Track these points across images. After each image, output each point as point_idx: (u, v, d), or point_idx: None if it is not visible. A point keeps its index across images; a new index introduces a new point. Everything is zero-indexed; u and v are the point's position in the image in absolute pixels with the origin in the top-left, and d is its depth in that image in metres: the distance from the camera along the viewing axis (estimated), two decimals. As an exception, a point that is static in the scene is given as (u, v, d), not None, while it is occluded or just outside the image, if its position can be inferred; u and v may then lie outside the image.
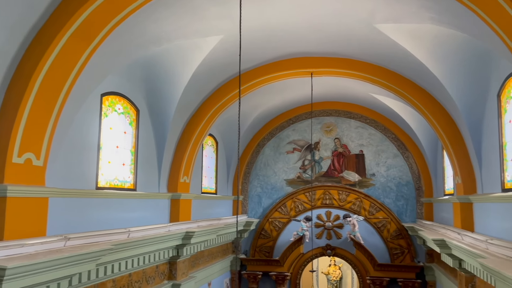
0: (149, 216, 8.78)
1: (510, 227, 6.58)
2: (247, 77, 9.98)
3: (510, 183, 6.88)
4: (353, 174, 14.51)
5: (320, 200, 14.54)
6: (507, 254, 5.43)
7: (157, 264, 8.73)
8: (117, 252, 6.57)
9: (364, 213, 14.07)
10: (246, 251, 14.83)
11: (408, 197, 14.02)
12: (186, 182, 10.14)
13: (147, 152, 8.95)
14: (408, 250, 13.61)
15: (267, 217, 14.74)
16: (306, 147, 14.89)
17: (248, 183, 15.16)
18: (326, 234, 14.35)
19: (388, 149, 14.27)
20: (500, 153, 7.21)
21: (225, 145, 13.89)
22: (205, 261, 11.69)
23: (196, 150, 10.27)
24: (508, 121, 6.89)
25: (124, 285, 7.44)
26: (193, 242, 9.18)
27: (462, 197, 8.76)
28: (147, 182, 8.91)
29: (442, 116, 9.19)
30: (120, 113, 8.08)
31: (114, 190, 7.70)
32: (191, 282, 9.69)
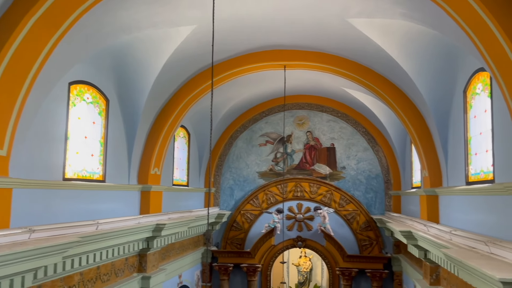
0: (118, 208, 8.63)
1: (473, 219, 6.82)
2: (220, 69, 9.90)
3: (474, 176, 7.11)
4: (324, 167, 14.69)
5: (292, 192, 14.66)
6: (470, 245, 5.63)
7: (127, 257, 8.60)
8: (85, 244, 6.43)
9: (335, 206, 14.29)
10: (217, 243, 14.83)
11: (377, 190, 14.32)
12: (157, 174, 10.01)
13: (116, 143, 8.77)
14: (376, 241, 13.93)
15: (239, 209, 14.76)
16: (278, 139, 14.96)
17: (220, 176, 15.12)
18: (297, 226, 14.51)
19: (359, 143, 14.51)
20: (465, 148, 7.44)
21: (197, 137, 13.78)
22: (176, 254, 11.61)
23: (168, 141, 10.15)
24: (473, 116, 7.11)
25: (92, 278, 7.30)
26: (164, 234, 9.09)
27: (428, 190, 9.01)
28: (116, 174, 8.75)
29: (411, 111, 9.40)
30: (89, 103, 7.88)
31: (82, 182, 7.52)
32: (161, 274, 9.61)
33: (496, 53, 4.73)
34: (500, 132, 5.96)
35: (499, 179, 5.95)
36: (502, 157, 5.92)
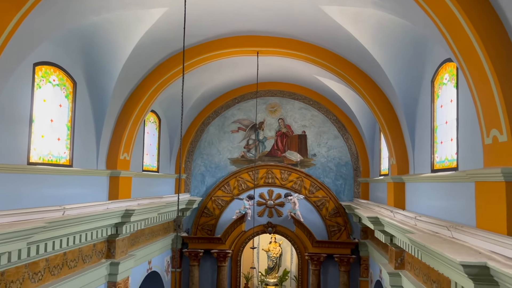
0: (86, 193, 8.45)
1: (437, 205, 7.06)
2: (191, 53, 9.75)
3: (438, 164, 7.34)
4: (296, 154, 14.82)
5: (263, 179, 14.75)
6: (433, 230, 5.83)
7: (95, 243, 8.47)
8: (51, 230, 6.29)
9: (305, 192, 14.48)
10: (188, 229, 14.80)
11: (346, 177, 14.59)
12: (126, 159, 9.85)
13: (84, 127, 8.55)
14: (344, 227, 14.24)
15: (210, 196, 14.75)
16: (250, 126, 14.97)
17: (191, 162, 15.03)
18: (268, 212, 14.65)
19: (329, 131, 14.69)
20: (432, 136, 7.66)
21: (168, 123, 13.61)
22: (146, 239, 11.52)
23: (137, 126, 9.97)
24: (440, 106, 7.30)
25: (58, 265, 7.16)
26: (133, 220, 8.99)
27: (395, 177, 9.24)
28: (84, 158, 8.55)
29: (381, 99, 9.56)
30: (55, 85, 7.62)
31: (48, 166, 7.30)
32: (130, 260, 9.53)
33: (463, 44, 4.85)
34: (464, 122, 6.15)
35: (462, 167, 6.17)
36: (465, 146, 6.13)
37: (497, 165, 4.46)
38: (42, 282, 6.70)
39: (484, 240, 4.22)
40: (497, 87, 4.38)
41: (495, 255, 3.84)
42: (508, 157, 4.29)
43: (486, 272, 3.68)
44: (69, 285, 7.35)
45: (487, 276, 3.70)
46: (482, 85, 4.62)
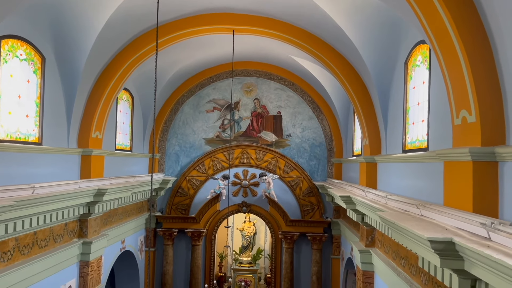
0: (57, 172, 8.26)
1: (408, 184, 7.25)
2: (165, 30, 9.54)
3: (410, 145, 7.51)
4: (271, 135, 14.86)
5: (238, 159, 14.76)
6: (403, 208, 6.00)
7: (66, 222, 8.34)
8: (20, 209, 6.13)
9: (279, 172, 14.59)
10: (162, 209, 14.74)
11: (320, 157, 14.76)
12: (99, 138, 9.65)
13: (54, 104, 8.30)
14: (317, 206, 14.48)
15: (184, 175, 14.68)
16: (226, 106, 14.87)
17: (165, 141, 14.87)
18: (243, 192, 14.72)
19: (304, 111, 14.76)
20: (404, 117, 7.80)
21: (142, 101, 13.37)
22: (119, 219, 11.42)
23: (110, 104, 9.76)
24: (413, 87, 7.43)
25: (28, 244, 7.02)
26: (106, 199, 8.87)
27: (368, 157, 9.41)
28: (54, 136, 8.32)
29: (355, 81, 9.64)
30: (22, 60, 7.33)
31: (16, 144, 7.08)
32: (103, 239, 9.44)
33: (437, 26, 4.91)
34: (435, 103, 6.28)
35: (432, 148, 6.33)
36: (435, 127, 6.28)
37: (465, 145, 4.59)
38: (12, 262, 6.57)
39: (451, 217, 4.37)
40: (467, 69, 4.48)
41: (461, 231, 3.98)
42: (476, 137, 4.41)
43: (452, 248, 3.82)
44: (40, 264, 7.23)
45: (452, 252, 3.84)
46: (453, 66, 4.71)
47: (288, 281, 14.09)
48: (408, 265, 6.90)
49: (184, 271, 14.58)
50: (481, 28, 4.48)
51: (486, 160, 4.33)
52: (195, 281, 14.15)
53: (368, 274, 9.13)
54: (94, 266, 9.19)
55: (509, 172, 4.13)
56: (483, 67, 4.43)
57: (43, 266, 7.37)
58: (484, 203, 4.31)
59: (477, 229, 3.72)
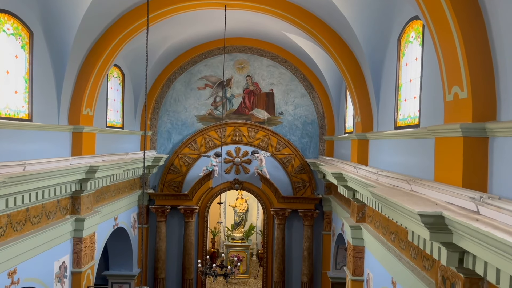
0: (48, 149, 8.20)
1: (398, 161, 7.32)
2: (156, 5, 9.36)
3: (401, 121, 7.55)
4: (263, 112, 14.83)
5: (230, 136, 14.76)
6: (394, 184, 6.07)
7: (59, 199, 8.33)
8: (11, 185, 6.10)
9: (271, 150, 14.64)
10: (154, 186, 14.77)
11: (312, 135, 14.81)
12: (89, 115, 9.56)
13: (43, 80, 8.17)
14: (309, 183, 14.61)
15: (176, 153, 14.67)
16: (218, 83, 14.76)
17: (157, 119, 14.78)
18: (235, 169, 14.77)
19: (297, 89, 14.72)
20: (396, 94, 7.82)
21: (133, 78, 13.21)
22: (111, 196, 11.43)
23: (100, 80, 9.63)
24: (405, 64, 7.42)
25: (21, 220, 7.02)
26: (98, 176, 8.86)
27: (360, 134, 9.46)
28: (44, 113, 8.23)
29: (348, 57, 9.59)
30: (9, 34, 7.17)
31: (5, 120, 6.99)
32: (96, 216, 9.47)
33: (431, 1, 4.87)
34: (428, 80, 6.29)
35: (424, 124, 6.37)
36: (427, 103, 6.30)
37: (456, 121, 4.62)
38: (5, 238, 6.58)
39: (441, 192, 4.44)
40: (460, 44, 4.47)
41: (450, 205, 4.05)
42: (467, 113, 4.45)
43: (441, 221, 3.89)
44: (33, 240, 7.26)
45: (442, 225, 3.91)
46: (447, 42, 4.70)
47: (280, 257, 14.32)
48: (397, 240, 7.04)
49: (177, 248, 14.73)
50: (475, 4, 4.45)
51: (477, 136, 4.37)
52: (188, 257, 14.33)
53: (359, 249, 9.31)
54: (87, 243, 9.25)
55: (499, 147, 4.19)
56: (476, 43, 4.42)
57: (36, 242, 7.39)
58: (474, 178, 4.38)
59: (466, 203, 3.78)
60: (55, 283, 8.24)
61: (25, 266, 7.15)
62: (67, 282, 8.74)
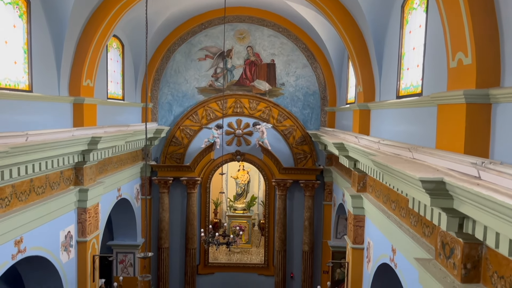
0: (49, 120, 8.20)
1: (400, 130, 7.32)
2: (155, -28, 9.16)
3: (404, 90, 7.50)
4: (264, 83, 14.73)
5: (232, 108, 14.71)
6: (395, 152, 6.09)
7: (62, 170, 8.39)
8: (15, 156, 6.14)
9: (273, 121, 14.61)
10: (156, 158, 14.84)
11: (313, 106, 14.75)
12: (90, 86, 9.51)
13: (42, 50, 8.08)
14: (310, 155, 14.66)
15: (178, 125, 14.66)
16: (218, 54, 14.59)
17: (158, 90, 14.70)
18: (236, 141, 14.80)
19: (298, 59, 14.56)
20: (399, 63, 7.74)
21: (132, 49, 13.06)
22: (114, 168, 11.51)
23: (100, 51, 9.53)
24: (408, 31, 7.31)
25: (25, 191, 7.10)
26: (100, 147, 8.89)
27: (361, 104, 9.42)
28: (45, 84, 8.18)
29: (351, 26, 9.44)
30: (6, 3, 7.05)
31: (6, 91, 6.96)
32: (99, 187, 9.56)
33: (436, -36, 4.76)
34: (431, 47, 6.21)
35: (426, 93, 6.33)
36: (430, 71, 6.25)
37: (460, 88, 4.59)
38: (10, 208, 6.67)
39: (442, 159, 4.45)
40: (466, 9, 4.38)
41: (452, 171, 4.07)
42: (471, 80, 4.41)
43: (442, 187, 3.92)
44: (38, 210, 7.36)
45: (443, 191, 3.95)
46: (452, 7, 4.61)
47: (282, 226, 14.53)
48: (398, 208, 7.12)
49: (180, 218, 14.93)
50: (482, -33, 4.34)
51: (480, 102, 4.35)
52: (191, 227, 14.55)
53: (359, 218, 9.42)
54: (91, 213, 9.38)
55: (501, 113, 4.17)
56: (481, 7, 4.34)
57: (41, 212, 7.50)
58: (476, 145, 4.38)
59: (468, 169, 3.80)
60: (61, 252, 8.40)
61: (31, 235, 7.28)
62: (73, 251, 8.92)
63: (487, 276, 4.16)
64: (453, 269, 4.51)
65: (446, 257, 4.73)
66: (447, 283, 4.41)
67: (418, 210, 4.82)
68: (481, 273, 4.27)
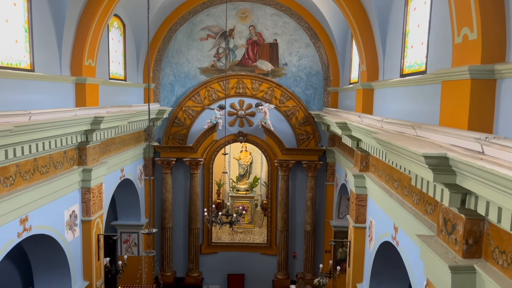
0: (52, 100, 8.20)
1: (404, 108, 7.28)
2: (156, -51, 9.01)
3: (408, 69, 7.43)
4: (267, 64, 14.62)
5: (234, 89, 14.64)
6: (399, 130, 6.07)
7: (65, 150, 8.42)
8: (18, 134, 6.14)
9: (275, 102, 14.56)
10: (159, 139, 14.87)
11: (316, 86, 14.66)
12: (92, 66, 9.47)
13: (43, 29, 8.02)
14: (313, 135, 14.64)
15: (180, 106, 14.63)
16: (220, 34, 14.45)
17: (159, 71, 14.62)
18: (239, 122, 14.78)
19: (301, 39, 14.41)
20: (403, 41, 7.65)
21: (134, 29, 12.94)
22: (117, 148, 11.54)
23: (101, 30, 9.45)
24: (413, 8, 7.20)
25: (29, 170, 7.14)
26: (103, 127, 8.88)
27: (365, 83, 9.36)
28: (46, 64, 8.15)
29: (354, 3, 9.31)
30: (6, -19, 6.97)
31: (8, 70, 6.93)
32: (102, 167, 9.61)
33: None
34: (436, 24, 6.13)
35: (431, 71, 6.27)
36: (435, 49, 6.18)
37: (465, 64, 4.54)
38: (15, 187, 6.72)
39: (446, 135, 4.43)
40: (472, -17, 4.31)
41: (455, 147, 4.06)
42: (476, 55, 4.36)
43: (446, 163, 3.92)
44: (42, 190, 7.41)
45: (446, 166, 3.94)
46: (458, -19, 4.54)
47: (284, 206, 14.62)
48: (400, 187, 7.14)
49: (183, 198, 15.04)
50: None
51: (485, 78, 4.31)
52: (194, 208, 14.66)
53: (362, 197, 9.47)
54: (95, 193, 9.44)
55: (506, 89, 4.14)
56: (489, -19, 4.27)
57: (46, 191, 7.55)
58: (480, 121, 4.36)
59: (471, 144, 3.79)
60: (66, 231, 8.50)
61: (36, 214, 7.35)
62: (78, 230, 9.01)
63: (488, 251, 4.19)
64: (455, 245, 4.54)
65: (448, 233, 4.76)
66: (449, 258, 4.45)
67: (420, 187, 4.83)
68: (483, 249, 4.30)
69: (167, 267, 14.79)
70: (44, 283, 8.65)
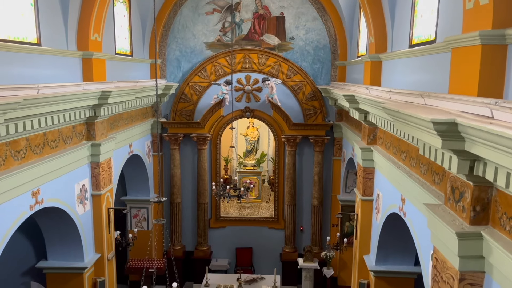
0: (59, 74, 8.21)
1: (412, 79, 7.21)
2: None
3: (416, 39, 7.32)
4: (273, 38, 14.46)
5: (240, 64, 14.54)
6: (407, 100, 6.03)
7: (74, 124, 8.49)
8: (28, 108, 6.19)
9: (282, 77, 14.46)
10: (166, 115, 14.90)
11: (324, 60, 14.51)
12: (98, 40, 9.43)
13: (49, 3, 7.97)
14: (320, 110, 14.58)
15: (187, 81, 14.59)
16: (226, 7, 14.27)
17: (165, 46, 14.53)
18: (246, 97, 14.73)
19: (308, 12, 14.19)
20: (412, 10, 7.51)
21: (139, 3, 12.81)
22: (125, 124, 11.60)
23: (106, 5, 9.37)
24: (423, -24, 7.04)
25: (39, 144, 7.22)
26: (111, 102, 8.91)
27: (373, 55, 9.25)
28: (53, 38, 8.13)
29: (363, -27, 9.13)
30: (9, -47, 6.89)
31: (16, 44, 6.93)
32: (111, 142, 9.68)
33: None
34: (447, -9, 6.00)
35: (440, 40, 6.17)
36: (445, 17, 6.06)
37: (475, 30, 4.46)
38: (26, 160, 6.82)
39: (455, 102, 4.39)
40: None
41: (464, 114, 4.03)
42: (487, 20, 4.28)
43: (454, 129, 3.89)
44: (53, 164, 7.51)
45: (455, 133, 3.92)
46: None
47: (291, 181, 14.70)
48: (408, 158, 7.14)
49: (191, 174, 15.16)
50: None
51: (496, 43, 4.24)
52: (202, 183, 14.79)
53: (369, 170, 9.49)
54: (104, 167, 9.55)
55: (518, 54, 4.08)
56: None
57: (56, 165, 7.65)
58: (490, 87, 4.31)
59: (481, 110, 3.75)
60: (77, 204, 8.65)
61: (48, 187, 7.47)
62: (88, 204, 9.16)
63: (496, 217, 4.21)
64: (462, 212, 4.56)
65: (455, 201, 4.78)
66: (456, 225, 4.48)
67: (428, 155, 4.82)
68: (490, 215, 4.32)
69: (177, 241, 15.04)
70: (57, 255, 8.87)
